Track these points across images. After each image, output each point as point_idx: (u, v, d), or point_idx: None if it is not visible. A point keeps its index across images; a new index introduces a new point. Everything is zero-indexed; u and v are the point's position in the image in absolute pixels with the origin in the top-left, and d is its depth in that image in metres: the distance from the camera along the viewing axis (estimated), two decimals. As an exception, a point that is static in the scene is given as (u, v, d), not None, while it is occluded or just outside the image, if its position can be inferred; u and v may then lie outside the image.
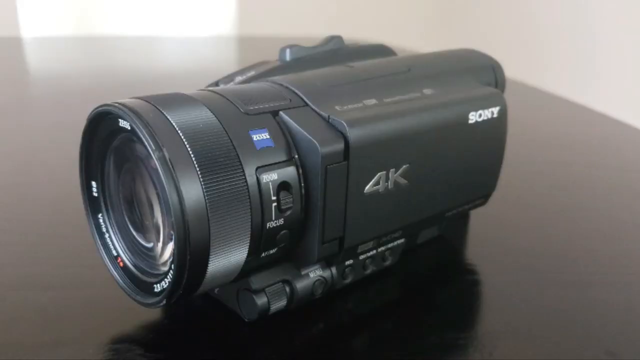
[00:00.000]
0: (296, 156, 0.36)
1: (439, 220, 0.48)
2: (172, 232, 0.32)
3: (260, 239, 0.35)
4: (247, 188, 0.33)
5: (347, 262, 0.41)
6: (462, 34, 2.36)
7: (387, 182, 0.39)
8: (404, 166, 0.40)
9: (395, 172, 0.39)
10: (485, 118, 0.44)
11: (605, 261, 0.50)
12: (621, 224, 0.58)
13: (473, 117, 0.43)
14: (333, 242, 0.38)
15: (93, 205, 0.39)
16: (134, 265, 0.38)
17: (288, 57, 0.45)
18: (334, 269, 0.41)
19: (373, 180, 0.38)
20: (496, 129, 0.46)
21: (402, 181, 0.40)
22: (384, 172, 0.39)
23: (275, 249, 0.36)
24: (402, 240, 0.45)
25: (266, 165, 0.34)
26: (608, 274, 0.48)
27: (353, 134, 0.36)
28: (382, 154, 0.38)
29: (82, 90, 1.02)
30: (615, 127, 0.93)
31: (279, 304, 0.38)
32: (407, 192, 0.41)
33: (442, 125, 0.42)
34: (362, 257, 0.42)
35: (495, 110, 0.45)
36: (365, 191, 0.38)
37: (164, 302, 0.34)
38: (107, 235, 0.39)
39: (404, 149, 0.40)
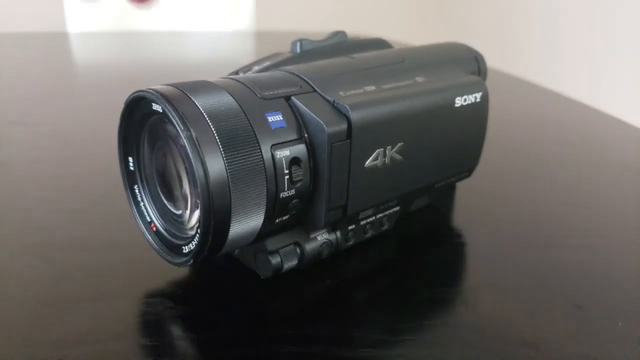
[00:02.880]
0: (306, 135, 0.36)
1: (430, 191, 0.47)
2: (198, 201, 0.32)
3: (274, 207, 0.35)
4: (263, 163, 0.33)
5: (350, 227, 0.41)
6: (451, 29, 2.35)
7: (385, 157, 0.39)
8: (399, 144, 0.39)
9: (392, 149, 0.39)
10: (470, 102, 0.44)
11: (575, 226, 0.50)
12: (589, 194, 0.58)
13: (459, 102, 0.43)
14: (337, 209, 0.38)
15: (130, 178, 0.39)
16: (166, 230, 0.38)
17: (298, 49, 0.44)
18: (338, 233, 0.41)
19: (372, 156, 0.38)
20: (479, 112, 0.46)
21: (398, 157, 0.40)
22: (382, 149, 0.38)
23: (288, 216, 0.36)
24: (397, 208, 0.45)
25: (280, 143, 0.34)
26: (578, 237, 0.48)
27: (355, 115, 0.36)
28: (380, 133, 0.38)
29: (120, 79, 1.02)
30: (580, 109, 0.93)
31: (291, 263, 0.38)
32: (402, 166, 0.41)
33: (432, 108, 0.42)
34: (362, 222, 0.42)
35: (478, 95, 0.45)
36: (365, 165, 0.38)
37: (191, 261, 0.35)
38: (142, 204, 0.39)
39: (399, 128, 0.39)
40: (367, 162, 0.38)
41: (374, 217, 0.43)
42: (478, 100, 0.45)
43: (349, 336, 0.35)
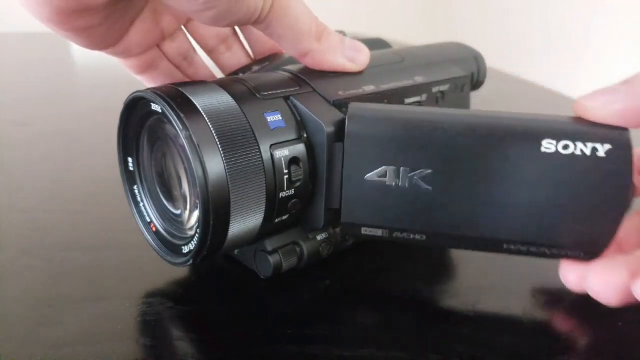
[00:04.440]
0: (305, 135, 0.36)
1: (498, 249, 0.36)
2: (197, 201, 0.32)
3: (274, 207, 0.35)
4: (263, 163, 0.33)
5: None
6: (451, 29, 2.35)
7: (398, 179, 0.34)
8: (425, 170, 0.34)
9: (411, 172, 0.34)
10: (582, 154, 0.32)
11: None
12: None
13: (550, 147, 0.32)
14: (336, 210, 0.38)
15: (129, 178, 0.39)
16: (165, 230, 0.38)
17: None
18: (338, 233, 0.41)
19: (377, 171, 0.35)
20: (604, 172, 0.32)
21: (423, 185, 0.34)
22: (394, 167, 0.34)
23: (287, 216, 0.36)
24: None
25: (279, 143, 0.34)
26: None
27: (351, 123, 0.35)
28: (390, 149, 0.34)
29: (120, 79, 1.02)
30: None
31: (291, 262, 0.38)
32: (431, 199, 0.34)
33: (497, 148, 0.33)
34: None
35: (603, 147, 0.32)
36: (366, 178, 0.35)
37: (191, 261, 0.35)
38: (141, 204, 0.39)
39: (426, 153, 0.34)
40: (368, 175, 0.35)
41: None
42: (602, 154, 0.32)
43: (349, 336, 0.35)
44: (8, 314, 0.36)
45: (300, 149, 0.35)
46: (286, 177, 0.35)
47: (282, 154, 0.34)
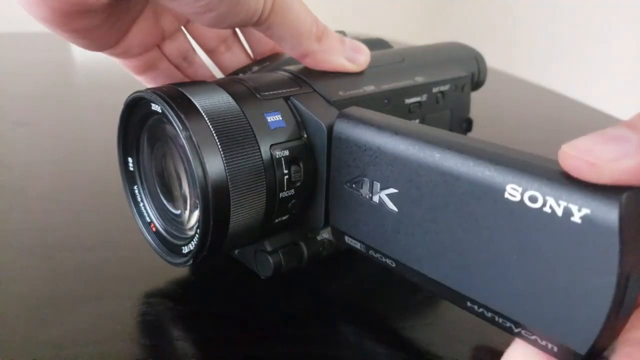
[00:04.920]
0: (305, 135, 0.36)
1: (461, 304, 0.30)
2: (197, 201, 0.32)
3: (273, 207, 0.35)
4: (262, 163, 0.33)
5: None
6: (451, 29, 2.35)
7: (371, 193, 0.32)
8: (392, 189, 0.31)
9: (381, 188, 0.32)
10: (553, 213, 0.24)
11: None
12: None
13: (514, 193, 0.25)
14: None
15: (129, 178, 0.40)
16: (165, 230, 0.38)
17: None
18: (337, 233, 0.41)
19: (353, 179, 0.33)
20: (583, 242, 0.23)
21: (390, 204, 0.31)
22: (368, 179, 0.32)
23: (287, 216, 0.36)
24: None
25: (279, 143, 0.34)
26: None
27: (339, 122, 0.34)
28: (365, 157, 0.32)
29: (120, 79, 1.02)
30: (580, 109, 0.93)
31: (291, 262, 0.38)
32: (397, 222, 0.31)
33: (456, 176, 0.27)
34: None
35: (580, 211, 0.23)
36: (344, 185, 0.34)
37: (191, 262, 0.35)
38: (141, 204, 0.39)
39: (392, 169, 0.31)
40: (347, 182, 0.34)
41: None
42: (576, 220, 0.23)
43: (349, 336, 0.35)
44: (8, 314, 0.36)
45: (300, 149, 0.35)
46: (286, 177, 0.35)
47: (282, 154, 0.34)
